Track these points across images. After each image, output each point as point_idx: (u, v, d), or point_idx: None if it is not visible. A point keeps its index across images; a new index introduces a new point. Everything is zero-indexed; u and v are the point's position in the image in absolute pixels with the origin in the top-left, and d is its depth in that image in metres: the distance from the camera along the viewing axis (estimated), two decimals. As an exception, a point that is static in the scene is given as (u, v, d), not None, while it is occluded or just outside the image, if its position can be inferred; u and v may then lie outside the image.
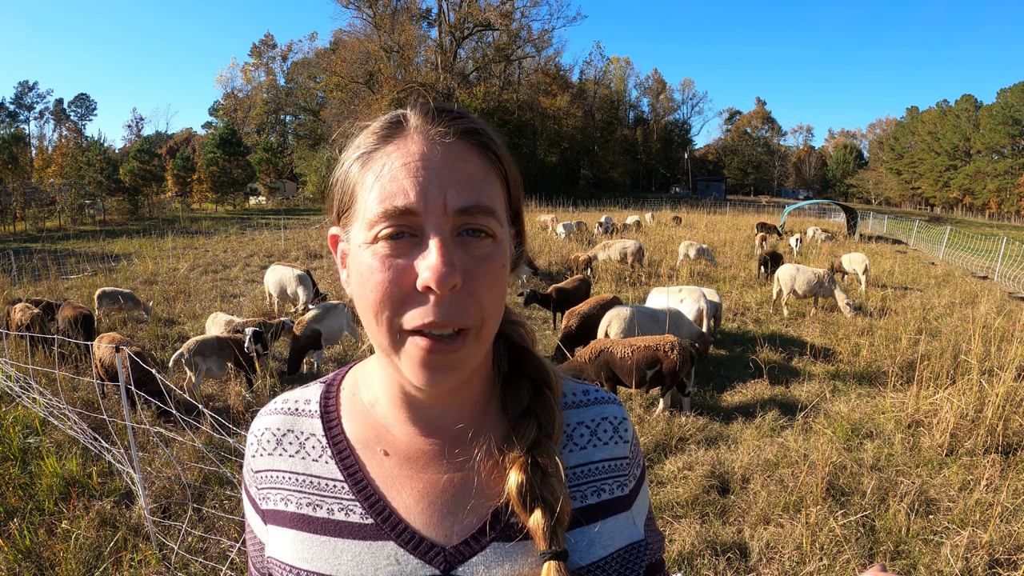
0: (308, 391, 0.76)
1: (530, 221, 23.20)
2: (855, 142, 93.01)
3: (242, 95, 64.38)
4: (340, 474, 0.67)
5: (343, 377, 0.76)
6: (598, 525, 0.69)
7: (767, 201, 62.23)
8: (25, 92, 62.70)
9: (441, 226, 0.56)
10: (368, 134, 0.62)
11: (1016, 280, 13.59)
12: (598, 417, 0.74)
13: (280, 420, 0.73)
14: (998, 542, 3.54)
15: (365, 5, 50.33)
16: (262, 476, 0.71)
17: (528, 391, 0.70)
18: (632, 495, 0.74)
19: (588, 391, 0.77)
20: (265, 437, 0.72)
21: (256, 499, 0.72)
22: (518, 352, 0.73)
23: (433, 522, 0.65)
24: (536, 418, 0.68)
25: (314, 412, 0.72)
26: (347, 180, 0.62)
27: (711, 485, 4.21)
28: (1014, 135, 56.99)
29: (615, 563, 0.69)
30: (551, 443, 0.67)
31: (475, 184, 0.59)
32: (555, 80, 60.51)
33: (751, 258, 15.23)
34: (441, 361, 0.57)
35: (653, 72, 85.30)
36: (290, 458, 0.70)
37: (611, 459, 0.73)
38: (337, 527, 0.65)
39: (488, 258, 0.59)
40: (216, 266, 14.08)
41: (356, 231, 0.60)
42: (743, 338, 8.18)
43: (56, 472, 4.12)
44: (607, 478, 0.72)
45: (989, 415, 4.94)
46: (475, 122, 0.62)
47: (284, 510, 0.68)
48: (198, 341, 5.71)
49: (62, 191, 31.68)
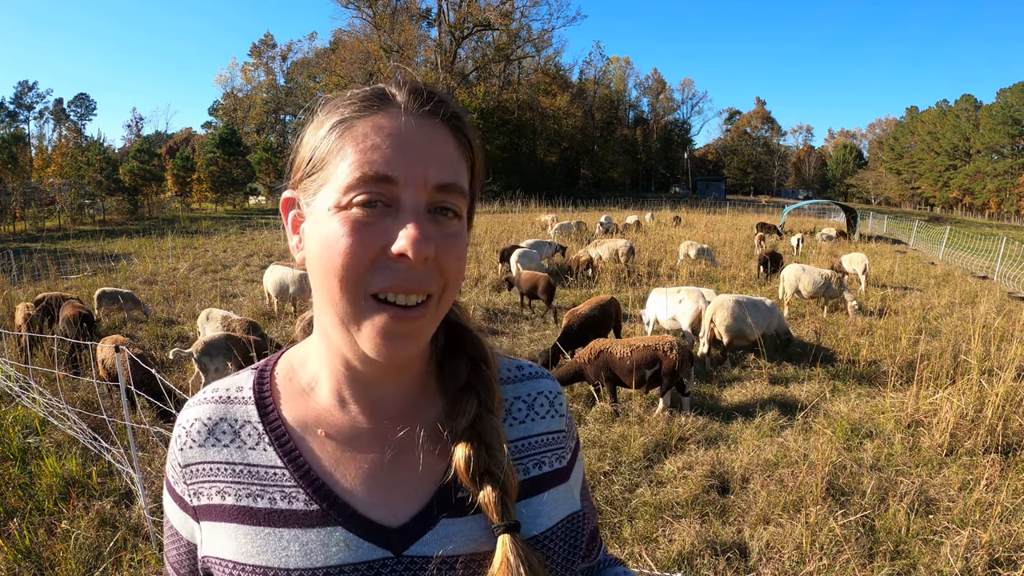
0: (239, 379, 0.72)
1: (530, 221, 23.22)
2: (855, 142, 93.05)
3: (242, 95, 64.40)
4: (280, 460, 0.65)
5: (275, 362, 0.74)
6: (544, 496, 0.70)
7: (767, 201, 62.22)
8: (25, 92, 62.69)
9: (418, 199, 0.58)
10: (349, 102, 0.62)
11: (1016, 280, 13.59)
12: (534, 392, 0.76)
13: (211, 409, 0.69)
14: (998, 542, 3.55)
15: (365, 5, 50.38)
16: (192, 470, 0.67)
17: (466, 367, 0.71)
18: (569, 467, 0.76)
19: (522, 367, 0.78)
20: (195, 428, 0.68)
21: (184, 496, 0.68)
22: (455, 329, 0.74)
23: (380, 503, 0.64)
24: (476, 393, 0.69)
25: (248, 399, 0.69)
26: (320, 144, 0.61)
27: (711, 485, 4.21)
28: (1014, 135, 57.00)
29: (561, 533, 0.71)
30: (493, 417, 0.68)
31: (453, 165, 0.61)
32: (555, 80, 60.54)
33: (751, 258, 15.22)
34: (402, 330, 0.58)
35: (653, 72, 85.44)
36: (224, 448, 0.66)
37: (549, 432, 0.75)
38: (281, 516, 0.63)
39: (456, 235, 0.61)
40: (216, 266, 14.07)
41: (324, 196, 0.60)
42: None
43: (56, 472, 4.12)
44: (547, 451, 0.74)
45: (989, 415, 4.94)
46: (457, 108, 0.64)
47: (221, 504, 0.65)
48: (205, 342, 5.71)
49: (62, 191, 31.64)
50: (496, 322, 8.75)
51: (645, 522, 3.78)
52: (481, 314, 8.95)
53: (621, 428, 5.08)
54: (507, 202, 34.77)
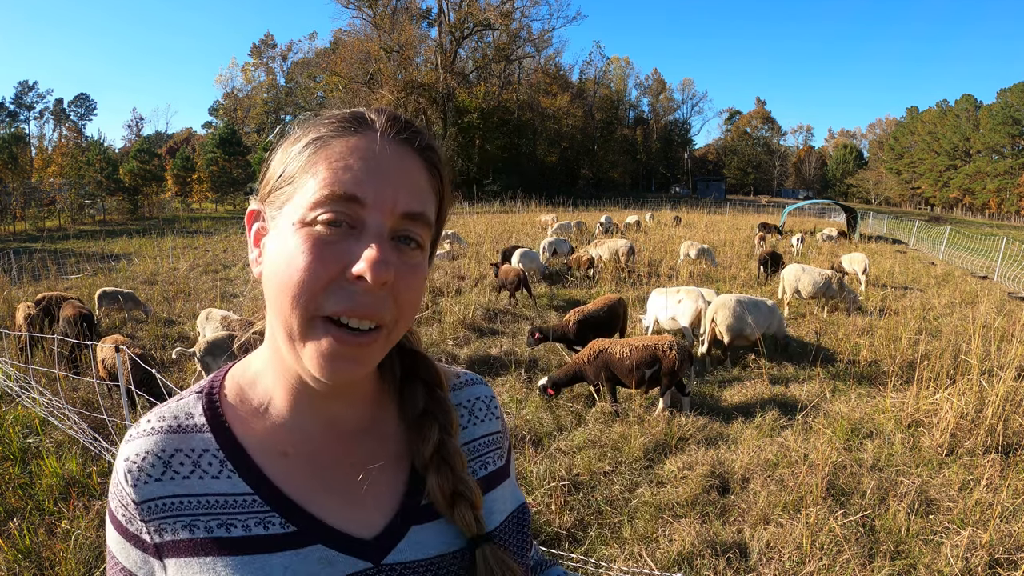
0: (184, 404, 0.68)
1: (530, 221, 23.22)
2: (855, 142, 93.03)
3: (242, 95, 64.46)
4: (247, 487, 0.63)
5: (221, 383, 0.71)
6: (493, 494, 0.76)
7: (767, 201, 62.22)
8: (25, 92, 62.69)
9: (384, 224, 0.58)
10: (326, 122, 0.62)
11: (1016, 280, 13.59)
12: (472, 397, 0.81)
13: (163, 440, 0.64)
14: (998, 542, 3.55)
15: (365, 5, 50.37)
16: (150, 506, 0.62)
17: (423, 393, 0.74)
18: (507, 464, 0.81)
19: (459, 375, 0.83)
20: (147, 462, 0.63)
21: (141, 534, 0.63)
22: (410, 356, 0.77)
23: (352, 517, 0.66)
24: (435, 419, 0.72)
25: (202, 426, 0.66)
26: (292, 159, 0.61)
27: (711, 485, 4.21)
28: (1014, 135, 57.01)
29: (512, 526, 0.76)
30: (452, 440, 0.72)
31: (423, 195, 0.62)
32: (555, 80, 60.55)
33: (751, 258, 15.23)
34: (348, 353, 0.58)
35: (653, 72, 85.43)
36: (184, 480, 0.63)
37: (489, 434, 0.80)
38: (260, 543, 0.61)
39: (417, 267, 0.62)
40: (216, 266, 14.07)
41: (288, 211, 0.59)
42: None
43: (56, 472, 4.12)
44: (489, 451, 0.79)
45: (989, 415, 4.94)
46: (432, 141, 0.65)
47: (191, 538, 0.61)
48: (208, 341, 5.71)
49: (62, 191, 31.64)
50: (496, 322, 8.75)
51: (645, 522, 3.78)
52: (481, 314, 8.95)
53: (621, 428, 5.08)
54: (507, 202, 34.77)
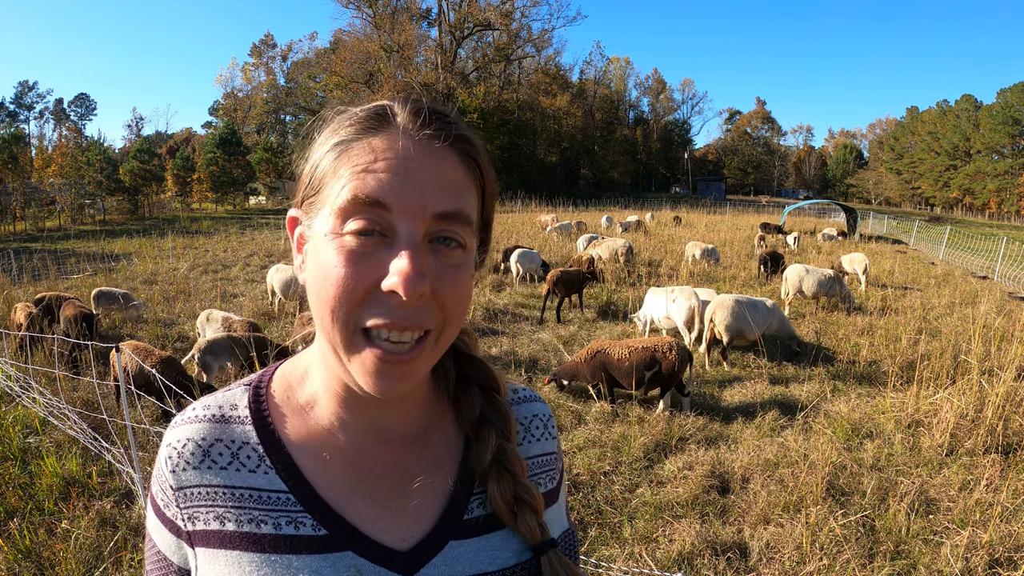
0: (231, 396, 0.68)
1: (530, 221, 23.21)
2: (855, 142, 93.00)
3: (242, 95, 64.35)
4: (283, 484, 0.62)
5: (270, 378, 0.70)
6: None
7: (767, 201, 62.22)
8: (25, 92, 62.70)
9: (415, 229, 0.55)
10: (348, 122, 0.59)
11: (1016, 280, 13.59)
12: (529, 415, 0.77)
13: (204, 429, 0.64)
14: (998, 542, 3.55)
15: (365, 5, 50.40)
16: (187, 493, 0.63)
17: (479, 398, 0.71)
18: (558, 488, 0.77)
19: (516, 390, 0.79)
20: (188, 449, 0.63)
21: (176, 520, 0.63)
22: (466, 360, 0.73)
23: (387, 527, 0.63)
24: (493, 425, 0.69)
25: (245, 419, 0.65)
26: (319, 166, 0.59)
27: (711, 485, 4.21)
28: (1014, 135, 56.98)
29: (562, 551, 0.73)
30: (511, 445, 0.69)
31: (457, 192, 0.58)
32: (555, 80, 60.54)
33: (751, 258, 15.23)
34: (393, 371, 0.56)
35: (653, 72, 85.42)
36: (222, 471, 0.63)
37: (544, 454, 0.76)
38: (289, 543, 0.60)
39: (459, 267, 0.58)
40: (216, 266, 14.06)
41: (321, 220, 0.58)
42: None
43: (56, 472, 4.12)
44: (541, 472, 0.75)
45: (989, 415, 4.94)
46: (463, 129, 0.61)
47: (221, 530, 0.61)
48: (209, 341, 5.72)
49: (62, 191, 31.61)
50: (496, 322, 8.75)
51: (645, 522, 3.78)
52: (481, 314, 8.96)
53: (621, 428, 5.08)
54: (507, 202, 34.76)
